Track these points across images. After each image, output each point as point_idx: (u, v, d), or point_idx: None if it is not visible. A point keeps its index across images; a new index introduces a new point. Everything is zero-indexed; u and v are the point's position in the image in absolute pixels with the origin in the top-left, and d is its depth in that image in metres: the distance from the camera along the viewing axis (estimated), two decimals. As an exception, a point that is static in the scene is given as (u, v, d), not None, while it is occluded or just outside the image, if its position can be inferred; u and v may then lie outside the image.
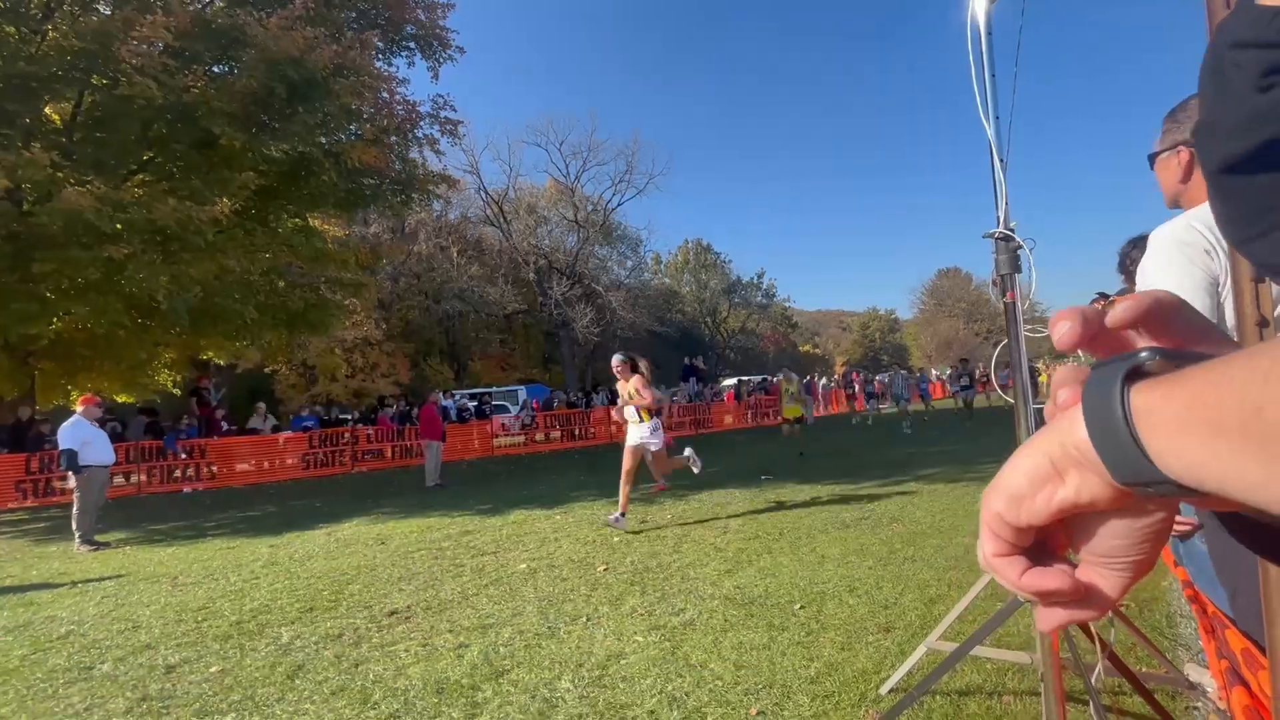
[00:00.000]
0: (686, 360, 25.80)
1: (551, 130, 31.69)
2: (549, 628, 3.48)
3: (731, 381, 28.33)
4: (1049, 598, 0.32)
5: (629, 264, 35.62)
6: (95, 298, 10.09)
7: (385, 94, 13.16)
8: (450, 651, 3.23)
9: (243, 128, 10.69)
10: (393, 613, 3.91)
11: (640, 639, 3.23)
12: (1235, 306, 0.90)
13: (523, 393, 23.54)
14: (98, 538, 6.98)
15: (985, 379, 24.12)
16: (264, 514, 8.91)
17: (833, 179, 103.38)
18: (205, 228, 10.19)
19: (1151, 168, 1.58)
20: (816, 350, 57.44)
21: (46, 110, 10.91)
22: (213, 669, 3.20)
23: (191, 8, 10.50)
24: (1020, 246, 1.62)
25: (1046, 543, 0.33)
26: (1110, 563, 0.31)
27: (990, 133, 1.63)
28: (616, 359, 6.50)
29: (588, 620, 3.57)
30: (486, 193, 29.64)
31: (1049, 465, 0.30)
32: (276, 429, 15.17)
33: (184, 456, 12.68)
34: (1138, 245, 2.40)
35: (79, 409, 7.35)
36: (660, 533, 5.75)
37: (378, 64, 13.34)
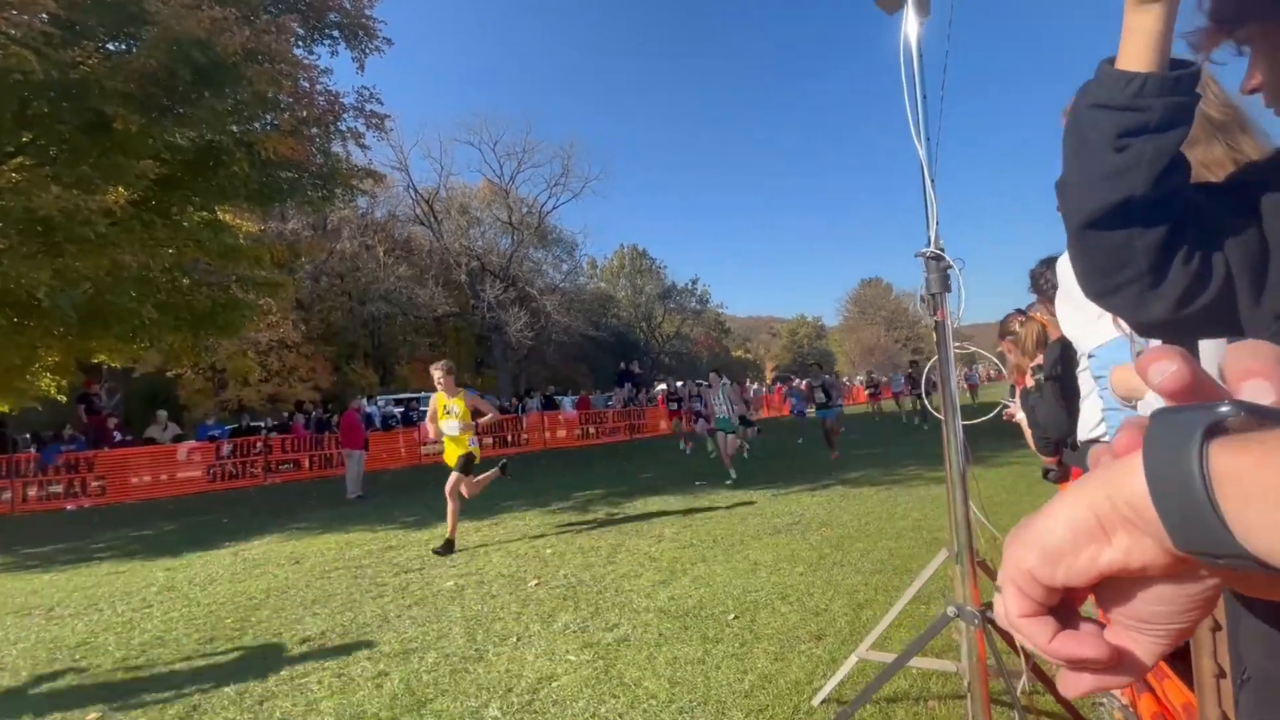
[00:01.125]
0: (622, 365, 25.83)
1: (485, 129, 30.95)
2: (476, 650, 3.32)
3: (664, 386, 28.57)
4: (1080, 665, 0.29)
5: (564, 268, 35.31)
6: (-40, 294, 8.97)
7: (305, 83, 12.41)
8: (368, 681, 3.01)
9: (140, 110, 9.79)
10: (305, 640, 3.63)
11: (573, 658, 3.13)
12: None
13: (453, 398, 22.77)
14: (-44, 565, 6.18)
15: (874, 389, 21.24)
16: (160, 533, 8.17)
17: (770, 180, 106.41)
18: (95, 219, 9.24)
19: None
20: (748, 355, 58.86)
21: (-98, 81, 9.62)
22: (89, 716, 2.85)
23: (81, -24, 9.51)
24: (950, 266, 1.66)
25: (1067, 596, 0.29)
26: (1149, 629, 0.28)
27: (921, 153, 1.66)
28: None
29: (518, 640, 3.43)
30: (416, 191, 28.63)
31: (1094, 521, 0.26)
32: (179, 438, 14.01)
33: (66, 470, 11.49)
34: (1049, 265, 2.53)
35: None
36: (594, 544, 5.65)
37: (297, 51, 12.58)
